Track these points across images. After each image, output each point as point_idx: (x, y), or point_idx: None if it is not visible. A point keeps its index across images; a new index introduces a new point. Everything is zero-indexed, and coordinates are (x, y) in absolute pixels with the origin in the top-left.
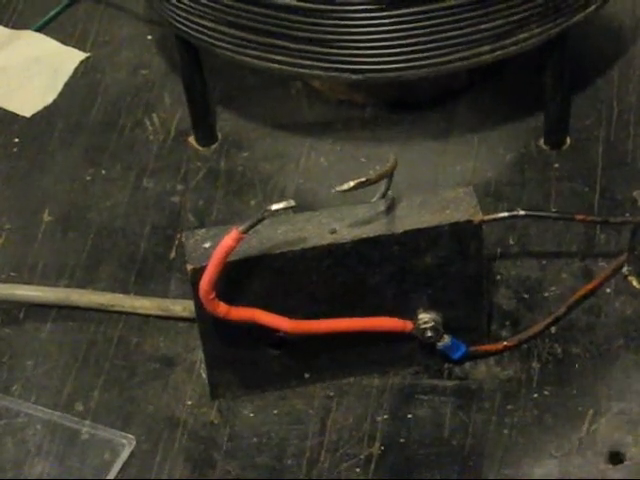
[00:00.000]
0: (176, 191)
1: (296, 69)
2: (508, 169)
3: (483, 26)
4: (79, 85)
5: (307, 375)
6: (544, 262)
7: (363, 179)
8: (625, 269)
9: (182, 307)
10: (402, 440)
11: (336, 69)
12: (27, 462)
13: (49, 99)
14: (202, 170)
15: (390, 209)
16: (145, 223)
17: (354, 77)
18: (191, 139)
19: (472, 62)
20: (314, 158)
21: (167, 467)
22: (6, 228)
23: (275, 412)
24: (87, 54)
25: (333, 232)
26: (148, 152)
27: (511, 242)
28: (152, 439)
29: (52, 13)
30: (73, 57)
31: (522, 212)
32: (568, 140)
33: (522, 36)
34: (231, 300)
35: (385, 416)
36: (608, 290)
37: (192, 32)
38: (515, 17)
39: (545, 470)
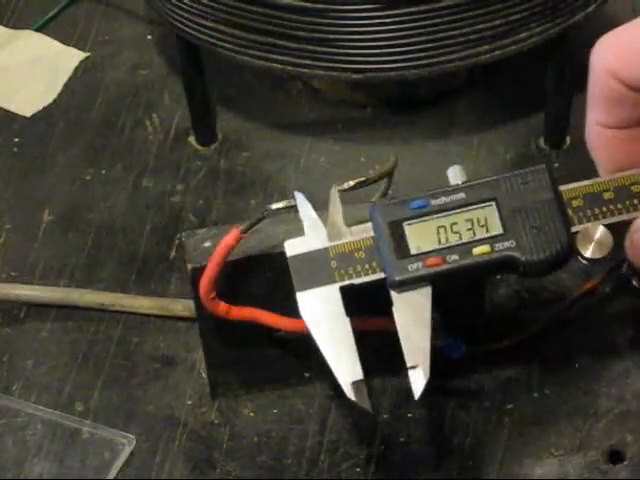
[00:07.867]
0: (176, 191)
1: (296, 69)
2: (508, 169)
3: (482, 25)
4: (79, 85)
5: (307, 375)
6: None
7: (363, 179)
8: (625, 268)
9: (182, 307)
10: (402, 440)
11: (336, 69)
12: (27, 462)
13: (49, 99)
14: (202, 170)
15: None
16: (145, 223)
17: (354, 77)
18: (191, 139)
19: (471, 62)
20: (314, 158)
21: (167, 467)
22: (6, 228)
23: (275, 411)
24: (87, 54)
25: None
26: (148, 152)
27: None
28: (152, 439)
29: (52, 13)
30: (73, 57)
31: None
32: (568, 140)
33: (522, 36)
34: (231, 300)
35: (385, 416)
36: (608, 289)
37: (192, 32)
38: (514, 17)
39: (545, 470)
